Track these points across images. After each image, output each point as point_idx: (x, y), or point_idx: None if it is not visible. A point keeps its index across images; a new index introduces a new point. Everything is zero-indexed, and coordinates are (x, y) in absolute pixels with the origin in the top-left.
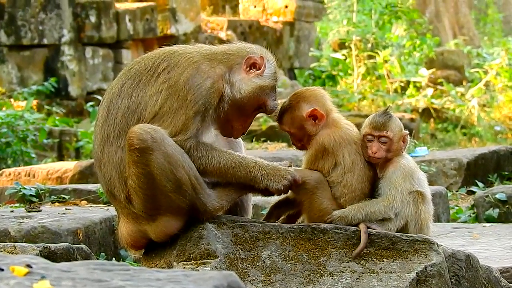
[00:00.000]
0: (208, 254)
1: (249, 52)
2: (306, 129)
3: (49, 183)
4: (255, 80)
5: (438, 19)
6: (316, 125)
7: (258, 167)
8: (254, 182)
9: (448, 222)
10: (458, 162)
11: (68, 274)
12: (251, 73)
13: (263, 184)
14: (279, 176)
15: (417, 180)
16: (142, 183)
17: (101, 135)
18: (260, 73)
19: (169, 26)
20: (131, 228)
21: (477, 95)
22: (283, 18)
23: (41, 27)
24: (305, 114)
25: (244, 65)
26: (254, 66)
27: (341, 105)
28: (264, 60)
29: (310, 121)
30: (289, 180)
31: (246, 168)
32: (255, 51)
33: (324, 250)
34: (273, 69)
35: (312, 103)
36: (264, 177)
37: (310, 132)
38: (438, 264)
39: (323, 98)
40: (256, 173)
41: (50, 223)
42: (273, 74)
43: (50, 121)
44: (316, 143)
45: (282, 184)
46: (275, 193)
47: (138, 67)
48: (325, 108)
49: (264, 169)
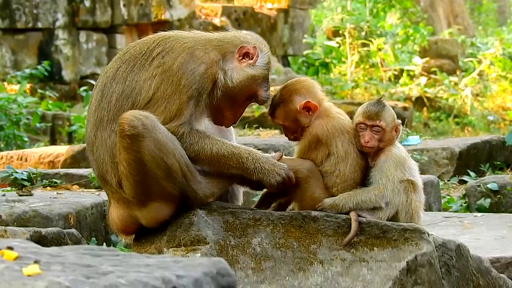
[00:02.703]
0: (198, 241)
1: (242, 41)
2: (300, 121)
3: (41, 167)
4: (246, 69)
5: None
6: (310, 117)
7: (251, 159)
8: (247, 174)
9: (440, 212)
10: (450, 151)
11: (57, 258)
12: (243, 62)
13: (255, 177)
14: (273, 172)
15: (408, 169)
16: (132, 169)
17: (94, 118)
18: (252, 63)
19: (163, 11)
20: (121, 213)
21: (471, 85)
22: (277, 5)
23: (36, 11)
24: (298, 106)
25: (236, 54)
26: (247, 55)
27: (334, 93)
28: (257, 50)
29: (304, 113)
30: (283, 177)
31: (239, 159)
32: (249, 40)
33: (314, 238)
34: (266, 59)
35: (304, 95)
36: (258, 170)
37: (304, 123)
38: (428, 253)
39: (314, 88)
40: (250, 165)
41: (41, 207)
42: (265, 65)
43: (43, 105)
44: (309, 134)
45: (275, 180)
46: (267, 188)
47: (133, 51)
48: (317, 98)
49: (258, 162)
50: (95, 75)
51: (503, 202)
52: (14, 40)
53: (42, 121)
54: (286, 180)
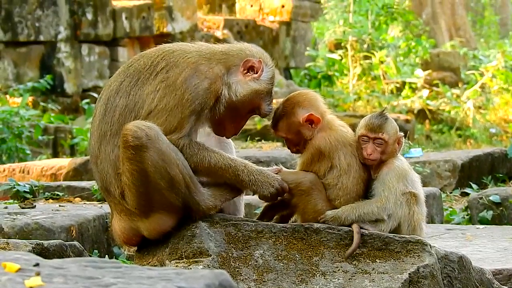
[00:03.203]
0: (200, 253)
1: (248, 54)
2: (302, 134)
3: (44, 179)
4: (251, 83)
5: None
6: (312, 129)
7: (247, 171)
8: (242, 186)
9: (442, 224)
10: (452, 164)
11: (59, 271)
12: (248, 76)
13: (250, 189)
14: (266, 183)
15: (410, 181)
16: (135, 180)
17: (98, 132)
18: (257, 77)
19: (165, 24)
20: (124, 225)
21: (473, 97)
22: (279, 18)
23: (38, 24)
24: (301, 119)
25: (241, 67)
26: (252, 69)
27: (337, 106)
28: (262, 64)
29: (306, 126)
30: (277, 188)
31: (235, 171)
32: (254, 54)
33: (316, 250)
34: (271, 73)
35: (307, 107)
36: (252, 182)
37: (307, 136)
38: (430, 265)
39: (316, 101)
40: (244, 177)
41: (43, 219)
42: (270, 79)
43: (45, 118)
44: (312, 147)
45: (269, 192)
46: (261, 199)
47: (137, 65)
48: (319, 111)
49: (253, 174)
50: (97, 88)
51: (505, 215)
52: (16, 53)
53: (44, 134)
54: (279, 190)
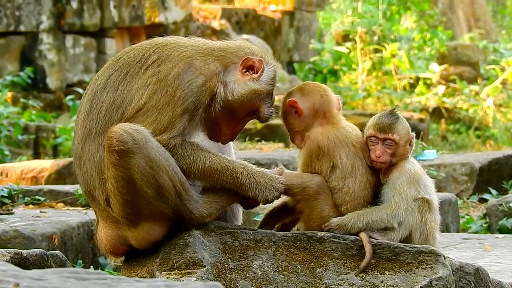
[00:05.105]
0: (194, 263)
1: (247, 52)
2: (288, 120)
3: (23, 183)
4: (250, 83)
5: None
6: (300, 120)
7: (247, 173)
8: (241, 189)
9: (458, 233)
10: (469, 167)
11: (39, 282)
12: (247, 75)
13: (251, 193)
14: (270, 187)
15: (423, 187)
16: (121, 187)
17: (82, 130)
18: (256, 77)
19: (157, 13)
20: (110, 233)
21: (493, 94)
22: (282, 7)
23: (18, 13)
24: (288, 104)
25: (240, 66)
26: (252, 68)
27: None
28: (263, 63)
29: (292, 114)
30: (282, 192)
31: (233, 173)
32: (254, 52)
33: (320, 261)
34: (272, 74)
35: (299, 95)
36: (253, 186)
37: (293, 125)
38: (444, 278)
39: (316, 94)
40: (244, 180)
41: (23, 227)
42: (271, 80)
43: (25, 116)
44: (309, 142)
45: (272, 196)
46: (262, 203)
47: (126, 58)
48: (315, 105)
49: (254, 176)
50: (83, 83)
51: None
52: None
53: (25, 133)
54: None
